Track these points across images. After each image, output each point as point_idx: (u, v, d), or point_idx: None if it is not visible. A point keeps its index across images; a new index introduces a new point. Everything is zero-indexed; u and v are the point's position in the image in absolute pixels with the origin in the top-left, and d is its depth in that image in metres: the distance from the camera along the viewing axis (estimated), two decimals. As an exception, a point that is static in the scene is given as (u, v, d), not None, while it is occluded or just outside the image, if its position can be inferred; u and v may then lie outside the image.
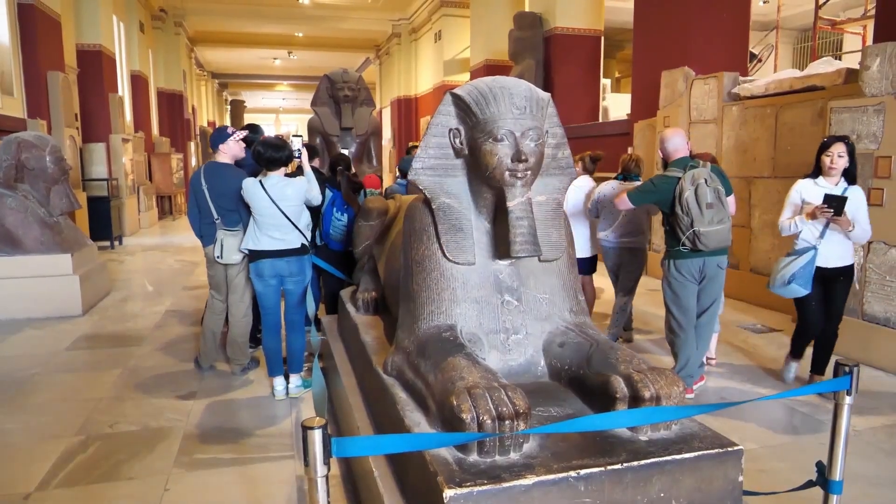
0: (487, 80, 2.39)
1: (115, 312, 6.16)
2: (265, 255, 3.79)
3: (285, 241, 3.79)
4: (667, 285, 3.93)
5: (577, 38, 11.02)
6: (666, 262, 3.93)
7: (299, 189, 3.80)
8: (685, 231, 3.71)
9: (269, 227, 3.75)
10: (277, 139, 3.87)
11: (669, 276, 3.90)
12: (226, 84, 32.12)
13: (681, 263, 3.84)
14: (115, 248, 10.39)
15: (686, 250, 3.79)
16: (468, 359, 2.07)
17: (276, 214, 3.72)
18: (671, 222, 3.82)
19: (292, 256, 3.83)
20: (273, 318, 3.97)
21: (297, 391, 3.96)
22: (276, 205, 3.70)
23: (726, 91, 6.81)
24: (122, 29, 13.72)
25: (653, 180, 3.89)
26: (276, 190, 3.71)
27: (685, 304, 3.89)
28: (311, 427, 1.47)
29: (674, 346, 3.96)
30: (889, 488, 2.86)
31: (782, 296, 4.03)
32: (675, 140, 3.89)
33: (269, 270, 3.82)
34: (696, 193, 3.68)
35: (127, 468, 3.07)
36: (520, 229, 2.26)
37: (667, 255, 3.93)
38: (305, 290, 3.99)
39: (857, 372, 1.96)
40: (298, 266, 3.88)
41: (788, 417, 3.63)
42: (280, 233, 3.77)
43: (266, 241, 3.78)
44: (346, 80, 7.43)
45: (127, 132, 12.70)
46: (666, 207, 3.81)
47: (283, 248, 3.79)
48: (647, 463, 1.84)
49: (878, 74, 4.50)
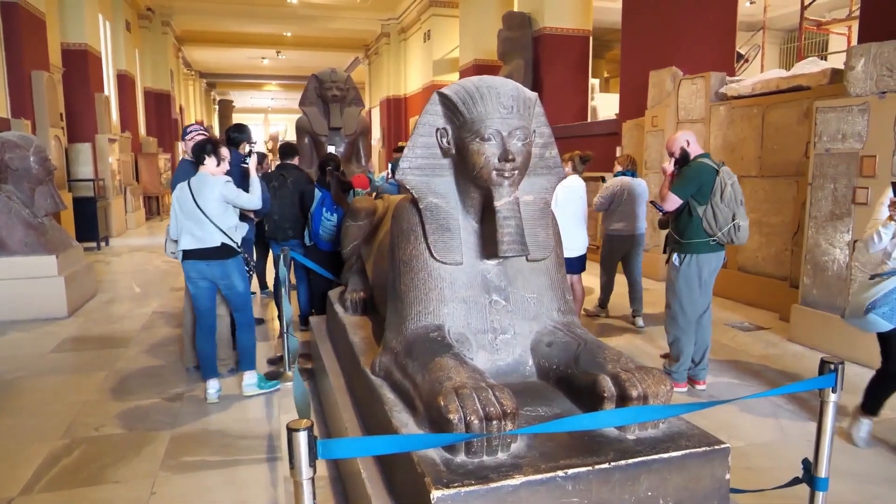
0: (474, 79, 2.39)
1: (102, 314, 6.10)
2: (187, 255, 3.77)
3: (203, 239, 3.74)
4: (683, 282, 3.84)
5: (565, 38, 11.06)
6: (687, 258, 3.82)
7: (217, 183, 3.73)
8: (724, 224, 3.67)
9: (191, 224, 3.74)
10: (207, 140, 3.87)
11: (688, 272, 3.81)
12: (214, 84, 31.94)
13: (705, 258, 3.78)
14: (102, 249, 10.30)
15: (714, 244, 3.75)
16: (456, 359, 2.06)
17: (194, 210, 3.70)
18: (703, 214, 3.73)
19: (213, 260, 3.77)
20: (207, 321, 3.92)
21: (250, 390, 3.92)
22: (195, 201, 3.69)
23: (713, 91, 6.85)
24: (108, 28, 13.60)
25: (693, 169, 3.77)
26: (198, 185, 3.72)
27: (696, 300, 3.85)
28: (297, 429, 1.46)
29: (677, 343, 3.94)
30: (875, 484, 2.89)
31: (861, 329, 3.19)
32: (694, 137, 3.94)
33: (192, 272, 3.80)
34: (733, 188, 3.69)
35: (112, 472, 3.04)
36: (507, 229, 2.26)
37: (687, 249, 3.82)
38: (245, 292, 3.95)
39: (842, 369, 1.98)
40: (221, 270, 3.81)
41: (775, 415, 3.65)
42: (201, 231, 3.73)
43: (187, 239, 3.75)
44: (335, 80, 7.40)
45: (113, 132, 12.59)
46: (703, 198, 3.73)
47: (202, 248, 3.74)
48: (635, 462, 1.84)
49: (862, 75, 4.54)
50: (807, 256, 5.00)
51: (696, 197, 3.76)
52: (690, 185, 3.75)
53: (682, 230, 3.85)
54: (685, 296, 3.86)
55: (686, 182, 3.77)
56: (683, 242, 3.83)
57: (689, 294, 3.85)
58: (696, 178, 3.74)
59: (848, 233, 4.66)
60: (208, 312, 3.92)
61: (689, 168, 3.80)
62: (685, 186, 3.77)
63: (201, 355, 3.93)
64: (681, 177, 3.82)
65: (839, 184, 4.72)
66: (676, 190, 3.79)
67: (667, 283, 4.03)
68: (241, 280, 3.93)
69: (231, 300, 3.94)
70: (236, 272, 3.90)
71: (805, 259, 5.02)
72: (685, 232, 3.82)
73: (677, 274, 3.88)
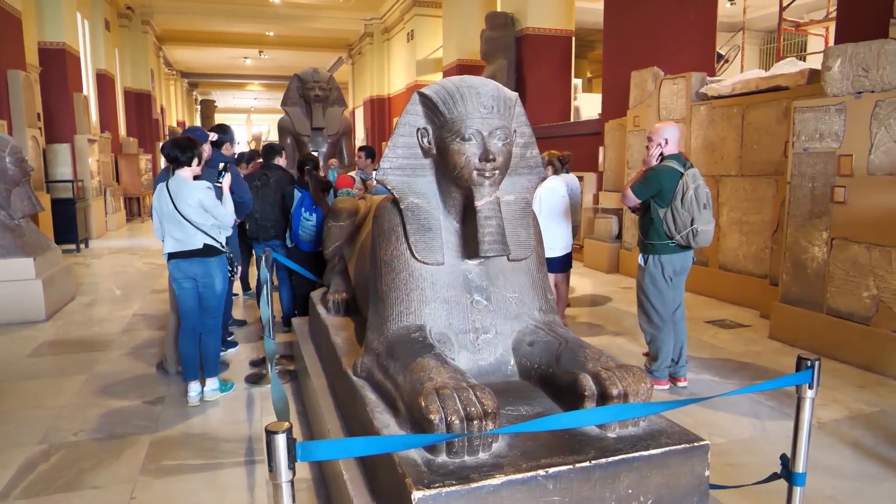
0: (455, 79, 2.39)
1: (81, 317, 6.02)
2: (172, 256, 3.76)
3: (188, 242, 3.73)
4: (649, 281, 3.92)
5: (548, 39, 11.11)
6: (650, 258, 3.90)
7: (196, 189, 3.70)
8: (682, 228, 3.73)
9: (171, 228, 3.72)
10: (185, 140, 3.80)
11: (653, 272, 3.89)
12: (196, 83, 31.65)
13: (667, 259, 3.86)
14: (81, 251, 10.15)
15: (673, 245, 3.81)
16: (437, 359, 2.06)
17: (174, 214, 3.68)
18: (664, 217, 3.79)
19: (196, 257, 3.76)
20: (190, 322, 3.89)
21: (212, 395, 3.90)
22: (174, 204, 3.66)
23: (694, 91, 6.91)
24: (86, 27, 13.42)
25: (656, 172, 3.82)
26: (176, 189, 3.68)
27: (666, 298, 3.92)
28: (276, 431, 1.45)
29: (655, 341, 3.99)
30: (851, 479, 2.93)
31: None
32: (675, 134, 3.92)
33: (177, 272, 3.78)
34: (696, 192, 3.74)
35: (91, 477, 2.99)
36: (488, 229, 2.26)
37: (649, 249, 3.89)
38: (221, 295, 3.93)
39: (818, 366, 2.00)
40: (203, 268, 3.80)
41: (756, 411, 3.69)
42: (182, 234, 3.71)
43: (170, 242, 3.75)
44: (317, 80, 7.37)
45: (93, 132, 12.42)
46: (663, 201, 3.79)
47: (185, 250, 3.74)
48: (616, 460, 1.85)
49: (839, 75, 4.60)
50: (786, 254, 5.06)
51: (656, 199, 3.84)
52: (649, 187, 3.83)
53: (645, 231, 3.94)
54: (653, 294, 3.94)
55: (645, 183, 3.85)
56: (647, 243, 3.93)
57: (656, 293, 3.93)
58: (656, 182, 3.80)
59: (826, 231, 4.72)
60: (192, 313, 3.88)
61: (653, 170, 3.86)
62: (643, 188, 3.85)
63: (184, 357, 3.88)
64: (644, 177, 3.89)
65: (817, 182, 4.78)
66: (635, 188, 3.87)
67: (636, 283, 4.11)
68: (221, 281, 3.90)
69: (206, 300, 3.88)
70: (219, 271, 3.87)
71: (785, 257, 5.08)
72: (648, 233, 3.91)
73: (643, 274, 3.98)
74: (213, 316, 3.94)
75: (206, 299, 3.89)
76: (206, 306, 3.90)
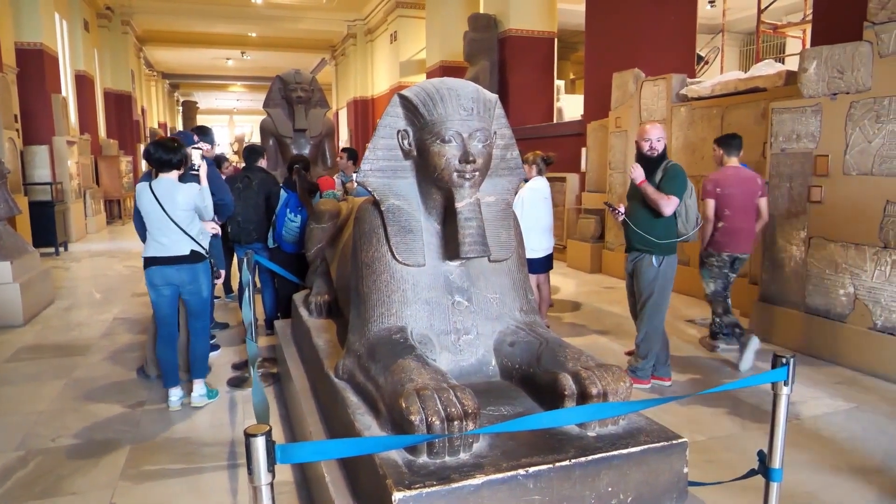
0: (435, 81, 2.40)
1: (59, 321, 5.94)
2: (154, 261, 3.65)
3: (173, 247, 3.65)
4: (663, 282, 3.89)
5: (531, 40, 11.16)
6: (665, 259, 3.87)
7: (189, 195, 3.65)
8: (695, 223, 3.79)
9: (156, 232, 3.62)
10: (171, 140, 3.73)
11: (668, 273, 3.87)
12: (177, 85, 31.35)
13: (674, 258, 3.90)
14: (60, 254, 10.01)
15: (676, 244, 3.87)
16: (418, 360, 2.06)
17: (163, 219, 3.59)
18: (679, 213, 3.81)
19: (182, 264, 3.68)
20: (168, 329, 3.82)
21: (199, 400, 3.82)
22: (163, 209, 3.58)
23: (675, 92, 6.98)
24: (64, 27, 13.24)
25: (678, 170, 3.79)
26: (165, 193, 3.59)
27: (668, 297, 3.95)
28: (255, 434, 1.45)
29: (649, 341, 3.99)
30: (827, 473, 2.98)
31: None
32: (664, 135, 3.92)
33: (159, 278, 3.68)
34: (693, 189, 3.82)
35: (70, 483, 2.95)
36: (468, 230, 2.27)
37: (664, 250, 3.86)
38: (208, 299, 3.88)
39: (793, 363, 2.03)
40: (190, 275, 3.72)
41: (736, 409, 3.74)
42: (168, 239, 3.63)
43: (154, 247, 3.64)
44: (299, 81, 7.34)
45: (72, 134, 12.26)
46: (680, 199, 3.79)
47: (171, 255, 3.65)
48: (595, 458, 1.87)
49: (814, 77, 4.67)
50: (765, 253, 5.13)
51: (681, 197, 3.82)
52: (683, 184, 3.78)
53: (660, 232, 3.84)
54: (665, 296, 3.93)
55: (680, 182, 3.78)
56: (662, 244, 3.85)
57: (664, 294, 3.93)
58: (685, 179, 3.78)
59: (804, 230, 4.79)
60: (170, 320, 3.83)
61: (675, 170, 3.82)
62: (680, 187, 3.77)
63: (162, 363, 3.84)
64: (673, 179, 3.79)
65: (795, 182, 4.85)
66: (676, 192, 3.76)
67: (643, 283, 3.97)
68: (207, 286, 3.87)
69: (193, 305, 3.84)
70: (205, 277, 3.82)
71: (763, 256, 5.15)
72: (663, 233, 3.84)
73: (656, 274, 3.89)
74: (201, 318, 3.88)
75: (193, 304, 3.82)
76: (192, 310, 3.85)
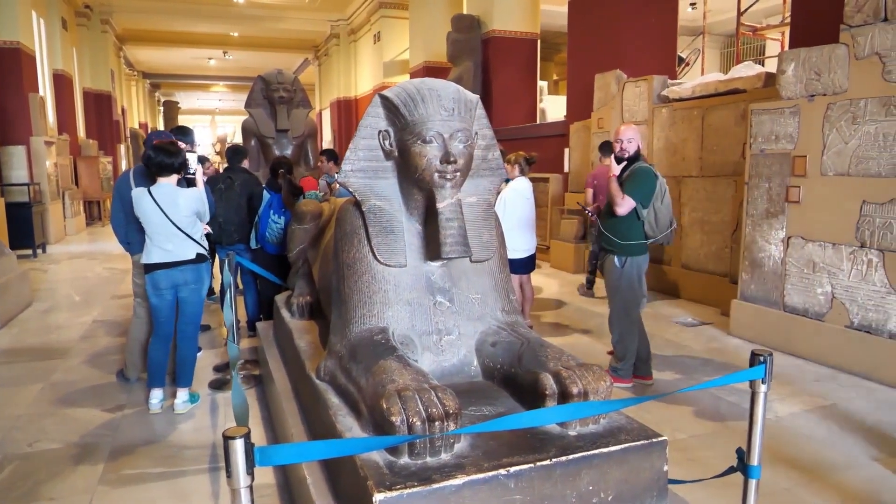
0: (416, 81, 2.39)
1: (37, 324, 5.85)
2: (159, 266, 3.61)
3: (179, 253, 3.61)
4: (626, 283, 3.93)
5: (514, 41, 11.20)
6: (628, 260, 3.91)
7: (192, 200, 3.62)
8: (665, 227, 3.81)
9: (160, 238, 3.57)
10: (171, 144, 3.67)
11: (630, 273, 3.91)
12: (158, 84, 31.02)
13: (641, 259, 3.93)
14: (38, 256, 9.85)
15: (645, 246, 3.89)
16: (399, 361, 2.06)
17: (165, 224, 3.54)
18: (647, 217, 3.82)
19: (187, 265, 3.66)
20: (166, 329, 3.79)
21: (183, 407, 3.75)
22: (165, 215, 3.53)
23: (656, 93, 7.04)
24: (42, 26, 13.04)
25: (646, 172, 3.81)
26: (167, 199, 3.55)
27: (638, 297, 3.99)
28: (233, 437, 1.43)
29: (624, 341, 4.03)
30: (806, 470, 3.02)
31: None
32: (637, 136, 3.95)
33: (165, 281, 3.64)
34: (668, 193, 3.84)
35: (47, 489, 2.91)
36: (450, 230, 2.27)
37: (627, 251, 3.89)
38: (202, 300, 3.85)
39: (770, 361, 2.06)
40: (195, 274, 3.70)
41: (716, 407, 3.78)
42: (172, 244, 3.59)
43: (158, 253, 3.59)
44: (281, 82, 7.29)
45: (50, 134, 12.07)
46: (647, 202, 3.81)
47: (177, 261, 3.62)
48: (576, 457, 1.88)
49: (793, 78, 4.74)
50: (744, 253, 5.19)
51: (641, 200, 3.84)
52: (647, 187, 3.80)
53: (623, 233, 3.90)
54: (630, 296, 3.97)
55: (643, 184, 3.81)
56: (625, 245, 3.90)
57: (632, 294, 3.97)
58: (648, 182, 3.80)
59: (782, 230, 4.86)
60: (169, 322, 3.79)
61: (639, 172, 3.84)
62: (641, 189, 3.80)
63: (153, 363, 3.78)
64: (634, 181, 3.84)
65: (773, 183, 4.92)
66: (633, 193, 3.80)
67: (608, 284, 4.09)
68: (206, 285, 3.86)
69: (190, 306, 3.77)
70: (207, 276, 3.81)
71: (743, 256, 5.21)
72: (627, 234, 3.89)
73: (620, 275, 3.96)
74: (192, 322, 3.84)
75: (190, 304, 3.77)
76: (186, 312, 3.79)
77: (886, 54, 4.11)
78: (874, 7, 4.17)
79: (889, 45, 4.09)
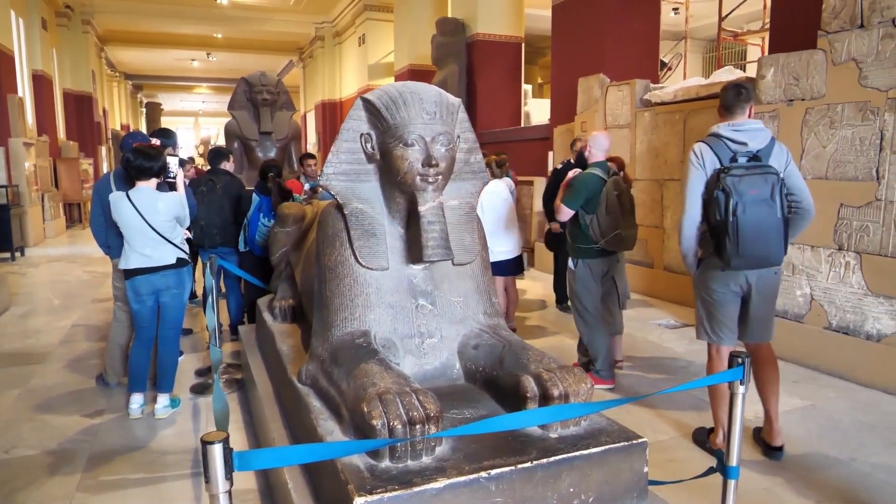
0: (398, 84, 2.40)
1: (15, 329, 5.76)
2: (139, 272, 3.56)
3: (158, 258, 3.57)
4: (580, 284, 4.07)
5: (498, 45, 11.24)
6: (580, 262, 4.06)
7: (172, 204, 3.58)
8: (607, 233, 3.89)
9: (138, 243, 3.52)
10: (150, 147, 3.63)
11: (583, 274, 4.05)
12: (141, 86, 30.73)
13: (593, 262, 4.03)
14: (16, 259, 9.71)
15: (598, 249, 3.96)
16: (380, 364, 2.06)
17: (144, 229, 3.49)
18: (590, 223, 3.93)
19: (168, 270, 3.62)
20: (148, 334, 3.74)
21: (163, 412, 3.71)
22: (144, 219, 3.48)
23: (639, 97, 7.10)
24: (21, 25, 12.87)
25: (581, 181, 3.95)
26: (146, 203, 3.50)
27: (595, 300, 4.08)
28: (211, 442, 1.42)
29: (592, 342, 4.10)
30: (784, 470, 3.05)
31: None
32: (604, 143, 4.06)
33: (146, 287, 3.59)
34: (619, 199, 3.89)
35: (24, 496, 2.86)
36: (432, 233, 2.27)
37: (578, 254, 4.05)
38: (183, 305, 3.82)
39: (748, 363, 2.08)
40: (176, 279, 3.66)
41: (698, 408, 3.81)
42: (151, 249, 3.54)
43: (137, 258, 3.53)
44: (265, 84, 7.27)
45: (29, 135, 11.91)
46: (589, 208, 3.93)
47: (158, 266, 3.58)
48: (557, 459, 1.88)
49: (772, 83, 4.80)
50: (725, 256, 5.23)
51: (583, 206, 3.97)
52: (578, 196, 3.95)
53: (574, 236, 4.09)
54: (585, 296, 4.08)
55: (575, 194, 3.97)
56: (576, 247, 4.08)
57: (588, 294, 4.07)
58: (583, 190, 3.93)
59: (762, 233, 4.91)
60: (151, 327, 3.75)
61: (578, 180, 4.00)
62: (574, 198, 3.96)
63: (133, 367, 3.73)
64: (571, 189, 4.01)
65: (753, 186, 4.96)
66: (566, 202, 3.98)
67: (568, 286, 4.26)
68: (188, 290, 3.82)
69: (171, 311, 3.73)
70: (188, 280, 3.77)
71: (724, 258, 5.25)
72: (577, 238, 4.06)
73: (574, 277, 4.13)
74: (174, 326, 3.79)
75: (172, 309, 3.73)
76: (167, 317, 3.74)
77: (862, 60, 4.18)
78: (850, 14, 4.24)
79: (865, 50, 4.16)
